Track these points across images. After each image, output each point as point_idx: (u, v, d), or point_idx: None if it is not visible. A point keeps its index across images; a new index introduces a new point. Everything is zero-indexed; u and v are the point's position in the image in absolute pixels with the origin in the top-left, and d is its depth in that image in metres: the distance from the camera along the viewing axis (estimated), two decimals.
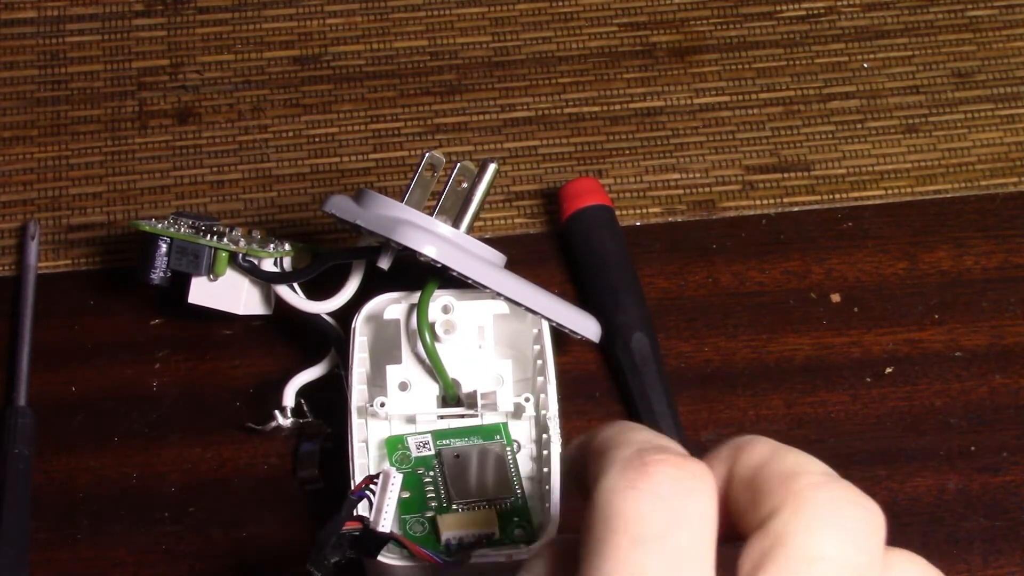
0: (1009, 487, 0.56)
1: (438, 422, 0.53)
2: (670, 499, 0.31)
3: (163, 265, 0.55)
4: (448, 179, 0.53)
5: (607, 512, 0.31)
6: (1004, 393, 0.58)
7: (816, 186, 0.63)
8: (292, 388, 0.56)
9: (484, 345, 0.53)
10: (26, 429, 0.56)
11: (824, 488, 0.31)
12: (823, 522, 0.31)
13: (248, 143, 0.64)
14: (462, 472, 0.51)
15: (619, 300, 0.58)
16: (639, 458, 0.32)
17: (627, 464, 0.32)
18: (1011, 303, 0.60)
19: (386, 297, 0.54)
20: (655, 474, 0.31)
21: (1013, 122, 0.65)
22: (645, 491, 0.31)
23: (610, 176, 0.63)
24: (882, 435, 0.57)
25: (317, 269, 0.55)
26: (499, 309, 0.53)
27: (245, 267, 0.55)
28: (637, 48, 0.66)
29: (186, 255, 0.55)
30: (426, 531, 0.50)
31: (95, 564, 0.54)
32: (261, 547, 0.55)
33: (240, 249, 0.55)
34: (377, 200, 0.52)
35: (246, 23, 0.67)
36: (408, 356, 0.53)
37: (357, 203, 0.52)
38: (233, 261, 0.55)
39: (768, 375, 0.58)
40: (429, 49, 0.66)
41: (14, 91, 0.65)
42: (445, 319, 0.52)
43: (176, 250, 0.55)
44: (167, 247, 0.55)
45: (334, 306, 0.55)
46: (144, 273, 0.55)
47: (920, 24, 0.67)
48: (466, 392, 0.53)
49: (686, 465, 0.32)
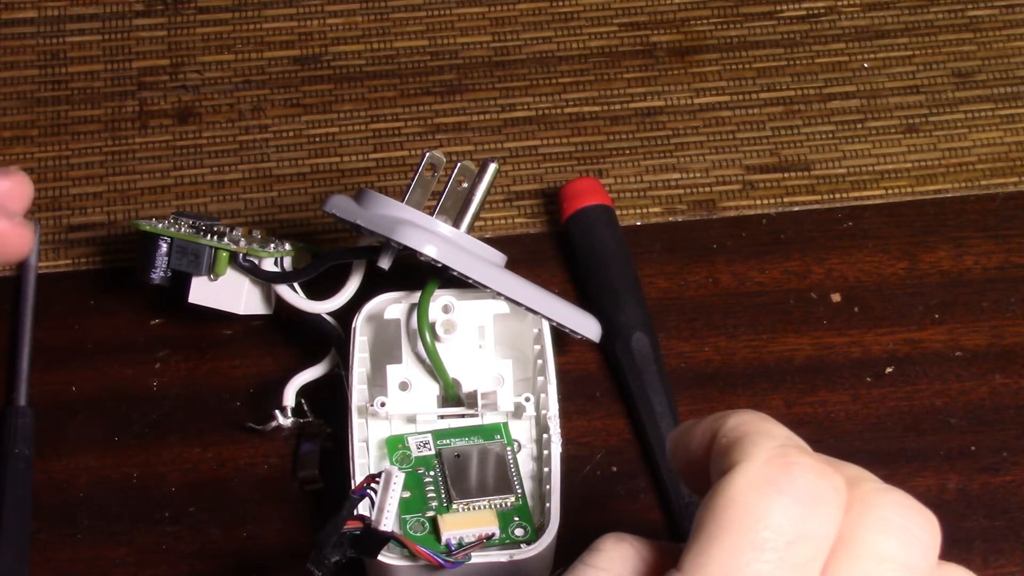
0: (1009, 487, 0.56)
1: (438, 422, 0.53)
2: (804, 507, 0.30)
3: (163, 265, 0.55)
4: (448, 179, 0.53)
5: (738, 506, 0.30)
6: (1004, 393, 0.58)
7: (816, 186, 0.63)
8: (292, 388, 0.56)
9: (484, 345, 0.53)
10: (26, 429, 0.56)
11: (890, 493, 0.32)
12: (892, 526, 0.31)
13: (248, 143, 0.64)
14: (462, 472, 0.51)
15: (619, 300, 0.58)
16: (784, 456, 0.31)
17: (771, 459, 0.31)
18: (1011, 303, 0.60)
19: (386, 297, 0.54)
20: (799, 478, 0.30)
21: (1013, 122, 0.65)
22: (784, 493, 0.30)
23: (610, 176, 0.63)
24: (882, 435, 0.57)
25: (318, 269, 0.55)
26: (499, 309, 0.53)
27: (246, 267, 0.55)
28: (637, 48, 0.66)
29: (186, 255, 0.55)
30: (426, 531, 0.50)
31: (95, 564, 0.54)
32: (261, 547, 0.55)
33: (241, 249, 0.55)
34: (377, 200, 0.52)
35: (246, 23, 0.67)
36: (408, 356, 0.53)
37: (357, 203, 0.52)
38: (234, 261, 0.55)
39: (768, 375, 0.58)
40: (429, 49, 0.66)
41: (14, 91, 0.65)
42: (445, 319, 0.52)
43: (176, 250, 0.55)
44: (168, 247, 0.55)
45: (334, 306, 0.55)
46: (144, 273, 0.55)
47: (920, 24, 0.67)
48: (466, 392, 0.53)
49: (828, 474, 0.31)
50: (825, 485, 0.31)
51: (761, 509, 0.30)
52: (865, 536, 0.31)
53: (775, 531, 0.30)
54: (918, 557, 0.32)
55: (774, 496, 0.30)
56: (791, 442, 0.32)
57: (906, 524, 0.32)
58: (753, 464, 0.31)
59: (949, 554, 0.55)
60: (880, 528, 0.31)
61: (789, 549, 0.30)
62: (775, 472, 0.31)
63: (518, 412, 0.53)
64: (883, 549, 0.31)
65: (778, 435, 0.32)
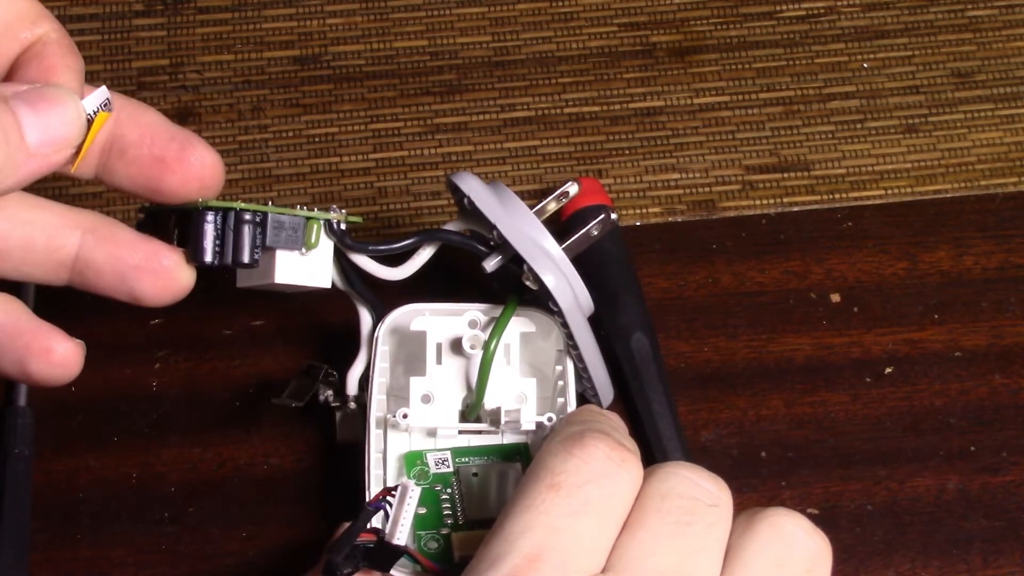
0: (1009, 487, 0.56)
1: (458, 439, 0.52)
2: (596, 467, 0.39)
3: (212, 245, 0.48)
4: (548, 197, 0.52)
5: (537, 464, 0.39)
6: (1004, 393, 0.58)
7: (816, 186, 0.63)
8: (353, 378, 0.53)
9: (510, 363, 0.52)
10: (26, 429, 0.56)
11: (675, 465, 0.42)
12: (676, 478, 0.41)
13: (248, 143, 0.64)
14: (479, 491, 0.51)
15: (619, 300, 0.58)
16: (581, 435, 0.40)
17: (570, 435, 0.40)
18: (1011, 303, 0.60)
19: (410, 308, 0.52)
20: (590, 447, 0.39)
21: (1013, 122, 0.65)
22: (576, 456, 0.39)
23: (610, 176, 0.63)
24: (882, 435, 0.57)
25: (419, 244, 0.51)
26: (526, 327, 0.52)
27: (339, 237, 0.50)
28: (637, 48, 0.66)
29: (284, 229, 0.49)
30: (440, 548, 0.49)
31: (95, 564, 0.54)
32: (261, 547, 0.55)
33: (339, 216, 0.50)
34: (519, 210, 0.50)
35: (246, 23, 0.67)
36: (433, 369, 0.52)
37: (498, 200, 0.50)
38: (328, 230, 0.50)
39: (768, 375, 0.58)
40: (429, 49, 0.66)
41: None
42: (472, 334, 0.52)
43: (274, 225, 0.48)
44: (250, 224, 0.48)
45: (405, 274, 0.52)
46: (199, 254, 0.47)
47: (920, 24, 0.67)
48: (489, 409, 0.52)
49: (620, 450, 0.40)
50: (616, 455, 0.39)
51: (557, 464, 0.39)
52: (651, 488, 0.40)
53: (567, 476, 0.39)
54: (699, 494, 0.40)
55: (565, 456, 0.39)
56: (597, 428, 0.41)
57: (687, 473, 0.41)
58: (556, 439, 0.40)
59: (949, 554, 0.55)
60: (660, 476, 0.40)
61: (579, 488, 0.38)
62: (570, 444, 0.40)
63: (540, 431, 0.52)
64: (668, 488, 0.40)
65: (586, 421, 0.42)
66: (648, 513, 0.39)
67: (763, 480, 0.56)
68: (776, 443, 0.57)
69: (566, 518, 0.38)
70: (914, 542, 0.55)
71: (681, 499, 0.40)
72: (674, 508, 0.39)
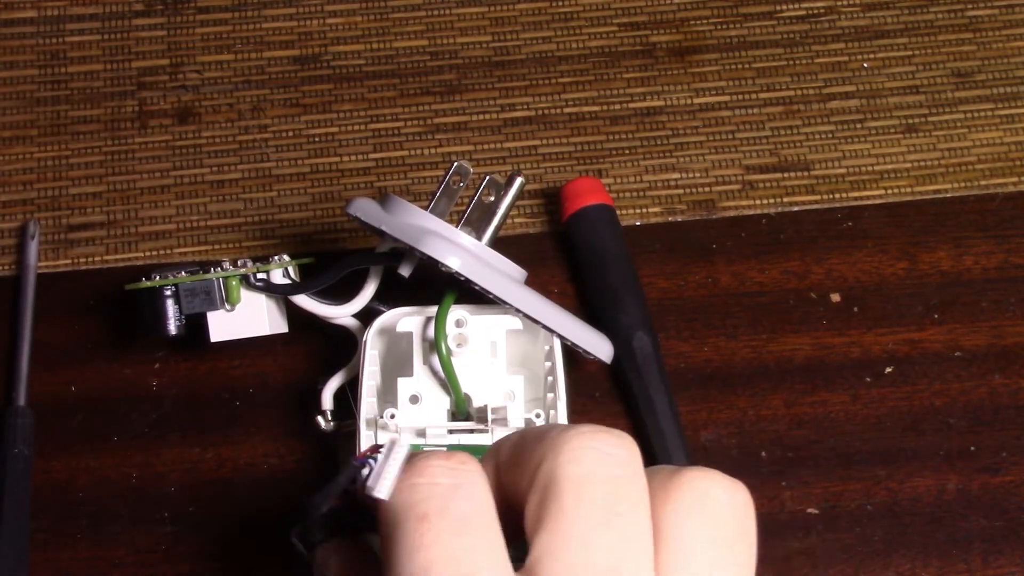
0: (1009, 487, 0.56)
1: (448, 437, 0.53)
2: (445, 482, 0.37)
3: (176, 314, 0.54)
4: (476, 191, 0.53)
5: (392, 509, 0.37)
6: (1004, 393, 0.58)
7: (816, 186, 0.63)
8: (328, 392, 0.55)
9: (496, 360, 0.52)
10: (26, 429, 0.56)
11: (576, 430, 0.37)
12: (586, 448, 0.37)
13: (248, 143, 0.64)
14: None
15: (620, 300, 0.58)
16: (412, 465, 0.38)
17: (407, 473, 0.38)
18: (1011, 303, 0.60)
19: (399, 311, 0.53)
20: (427, 467, 0.37)
21: (1013, 122, 0.65)
22: (421, 483, 0.37)
23: (610, 176, 0.63)
24: (882, 435, 0.57)
25: (338, 274, 0.54)
26: (512, 325, 0.53)
27: (259, 286, 0.54)
28: (637, 48, 0.66)
29: (196, 295, 0.54)
30: None
31: (95, 564, 0.54)
32: (261, 547, 0.55)
33: (250, 270, 0.54)
34: (403, 207, 0.51)
35: (246, 23, 0.67)
36: (420, 369, 0.52)
37: (383, 208, 0.52)
38: (246, 284, 0.54)
39: (768, 375, 0.58)
40: (429, 49, 0.66)
41: (14, 91, 0.65)
42: (458, 333, 0.52)
43: (185, 294, 0.54)
44: (173, 296, 0.54)
45: (353, 310, 0.54)
46: (160, 327, 0.54)
47: (920, 24, 0.67)
48: (477, 407, 0.52)
49: (452, 456, 0.38)
50: (451, 462, 0.37)
51: (409, 498, 0.37)
52: (560, 470, 0.37)
53: (427, 504, 0.36)
54: (617, 470, 0.36)
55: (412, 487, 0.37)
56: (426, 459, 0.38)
57: (597, 444, 0.37)
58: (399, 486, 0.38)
59: (949, 554, 0.55)
60: (569, 456, 0.37)
61: (447, 508, 0.36)
62: (409, 477, 0.37)
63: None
64: (585, 472, 0.36)
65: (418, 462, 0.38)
66: (567, 508, 0.36)
67: (763, 480, 0.56)
68: (776, 443, 0.57)
69: (455, 539, 0.36)
70: (914, 542, 0.55)
71: (604, 484, 0.36)
72: (597, 497, 0.36)
